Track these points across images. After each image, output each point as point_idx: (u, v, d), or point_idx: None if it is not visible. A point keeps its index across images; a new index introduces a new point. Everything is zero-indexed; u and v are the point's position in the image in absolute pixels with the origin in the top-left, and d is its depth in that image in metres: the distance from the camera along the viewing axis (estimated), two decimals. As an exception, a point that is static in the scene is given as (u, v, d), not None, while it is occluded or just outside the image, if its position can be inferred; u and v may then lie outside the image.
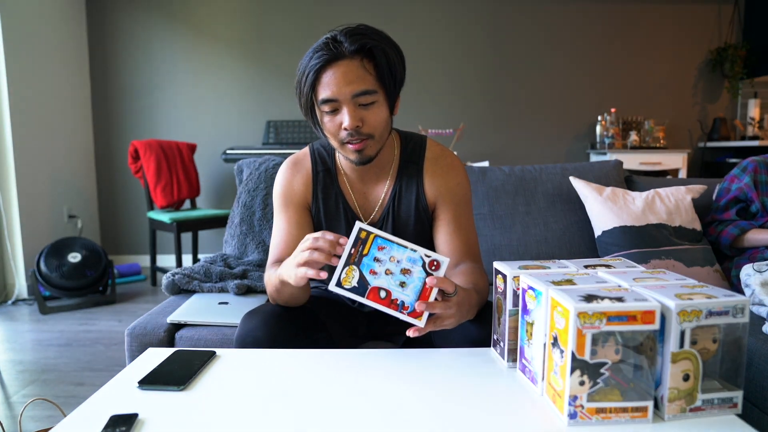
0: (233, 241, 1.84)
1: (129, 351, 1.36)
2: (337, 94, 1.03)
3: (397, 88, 1.09)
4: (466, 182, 1.23)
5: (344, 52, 1.02)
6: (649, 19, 4.26)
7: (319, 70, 1.03)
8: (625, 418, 0.71)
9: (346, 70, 1.02)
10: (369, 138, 1.07)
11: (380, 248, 0.90)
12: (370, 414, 0.75)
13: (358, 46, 1.02)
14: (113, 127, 4.22)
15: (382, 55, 1.04)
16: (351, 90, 1.02)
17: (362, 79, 1.03)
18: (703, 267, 1.64)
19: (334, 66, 1.02)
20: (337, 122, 1.06)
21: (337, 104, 1.04)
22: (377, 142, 1.10)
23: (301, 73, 1.06)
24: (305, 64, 1.05)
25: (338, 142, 1.09)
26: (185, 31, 4.15)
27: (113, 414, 0.74)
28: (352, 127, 1.04)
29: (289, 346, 1.02)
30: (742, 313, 0.72)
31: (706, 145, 4.32)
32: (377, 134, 1.08)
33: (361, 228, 0.90)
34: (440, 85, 4.23)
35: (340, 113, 1.05)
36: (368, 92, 1.04)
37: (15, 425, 1.79)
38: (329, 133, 1.09)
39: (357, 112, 1.04)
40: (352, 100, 1.03)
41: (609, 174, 1.93)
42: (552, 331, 0.74)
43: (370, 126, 1.06)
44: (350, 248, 0.89)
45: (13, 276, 3.36)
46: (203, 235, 4.27)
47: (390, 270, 0.89)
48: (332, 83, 1.02)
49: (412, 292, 0.88)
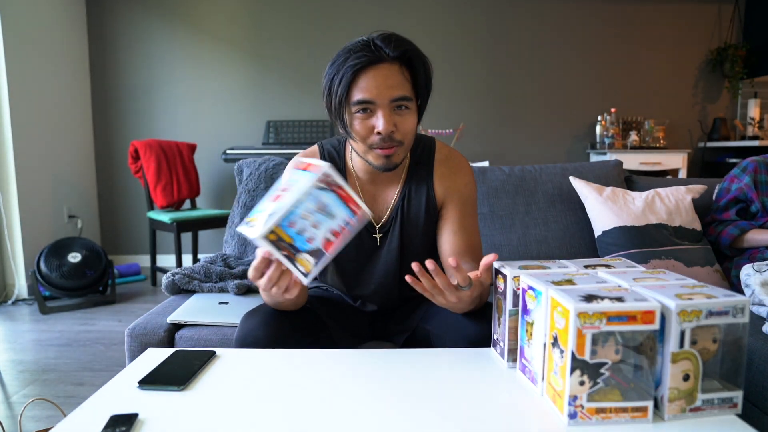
0: (233, 241, 1.84)
1: (129, 351, 1.36)
2: (375, 97, 1.02)
3: (428, 99, 1.10)
4: (473, 183, 1.24)
5: (385, 56, 1.02)
6: (649, 19, 4.26)
7: (359, 70, 1.01)
8: (625, 418, 0.71)
9: (387, 74, 1.02)
10: (399, 145, 1.07)
11: (290, 224, 0.83)
12: (370, 414, 0.75)
13: (401, 53, 1.02)
14: (113, 127, 4.22)
15: (422, 65, 1.05)
16: (390, 94, 1.02)
17: (401, 85, 1.03)
18: (703, 267, 1.64)
19: (374, 68, 1.02)
20: (369, 125, 1.05)
21: (373, 107, 1.03)
22: (405, 150, 1.10)
23: (333, 71, 1.04)
24: (340, 63, 1.03)
25: (366, 146, 1.07)
26: (185, 31, 4.15)
27: (113, 414, 0.74)
28: (387, 131, 1.03)
29: (289, 346, 1.02)
30: (742, 313, 0.72)
31: (706, 145, 4.32)
32: (407, 141, 1.08)
33: (264, 234, 0.81)
34: (440, 85, 4.22)
35: (373, 117, 1.04)
36: (406, 98, 1.04)
37: (15, 425, 1.79)
38: (359, 137, 1.06)
39: (392, 117, 1.04)
40: (390, 104, 1.03)
41: (609, 174, 1.93)
42: (552, 331, 0.74)
43: (402, 132, 1.06)
44: (279, 252, 0.83)
45: (13, 276, 3.36)
46: (203, 235, 4.28)
47: (310, 218, 0.84)
48: (372, 86, 1.01)
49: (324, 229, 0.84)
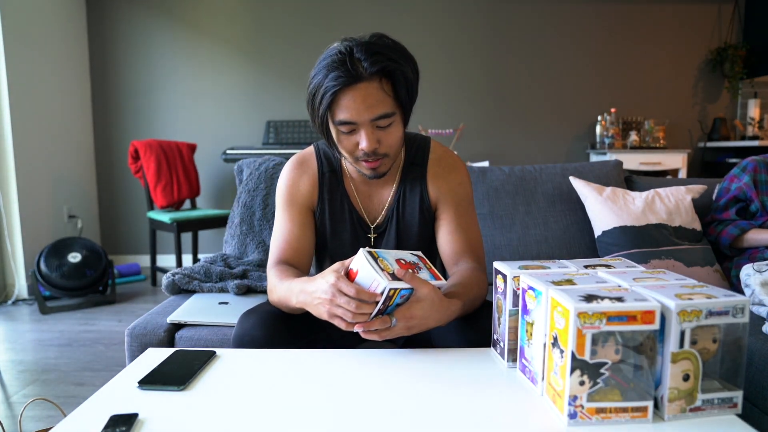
0: (233, 241, 1.84)
1: (129, 351, 1.36)
2: (356, 118, 1.01)
3: (412, 104, 1.08)
4: (468, 182, 1.23)
5: (363, 74, 0.98)
6: (649, 19, 4.26)
7: (337, 92, 1.00)
8: (625, 418, 0.71)
9: (365, 94, 0.99)
10: (384, 157, 1.07)
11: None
12: (370, 414, 0.75)
13: (379, 68, 0.99)
14: (113, 127, 4.22)
15: (402, 76, 1.01)
16: (370, 114, 1.01)
17: (381, 102, 1.01)
18: (703, 267, 1.64)
19: (353, 89, 0.99)
20: (354, 141, 1.05)
21: (355, 126, 1.03)
22: (392, 159, 1.11)
23: (314, 89, 1.02)
24: (319, 82, 1.01)
25: (353, 158, 1.08)
26: (185, 31, 4.15)
27: (113, 414, 0.74)
28: (370, 149, 1.04)
29: (286, 345, 1.02)
30: (742, 313, 0.72)
31: (706, 145, 4.32)
32: (392, 153, 1.09)
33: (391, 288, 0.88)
34: (440, 85, 4.23)
35: (357, 134, 1.04)
36: (387, 115, 1.02)
37: (15, 425, 1.79)
38: (345, 151, 1.08)
39: (374, 134, 1.04)
40: (371, 123, 1.02)
41: (609, 174, 1.93)
42: (552, 331, 0.74)
43: (386, 146, 1.06)
44: (380, 305, 0.89)
45: (13, 276, 3.36)
46: (203, 235, 4.28)
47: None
48: (351, 107, 1.00)
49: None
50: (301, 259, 1.17)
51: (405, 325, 0.92)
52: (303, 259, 1.18)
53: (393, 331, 0.92)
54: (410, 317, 0.91)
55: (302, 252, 1.18)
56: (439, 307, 0.93)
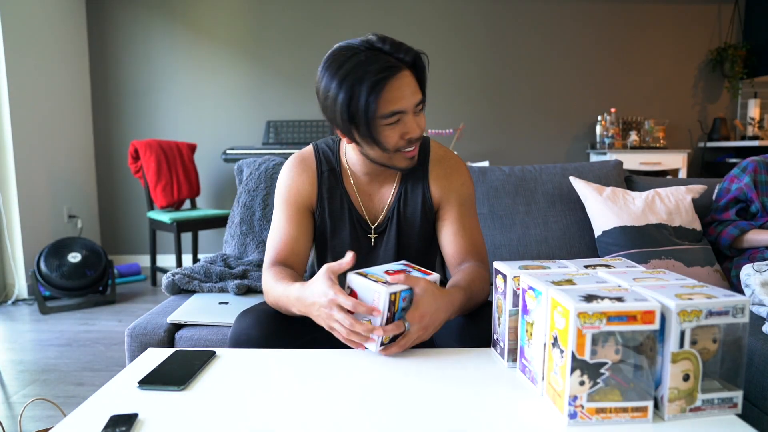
0: (233, 241, 1.84)
1: (129, 351, 1.36)
2: (405, 106, 1.04)
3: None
4: (470, 182, 1.24)
5: (402, 63, 1.03)
6: (649, 19, 4.26)
7: (385, 84, 1.01)
8: (625, 418, 0.71)
9: (409, 81, 1.04)
10: (419, 142, 1.11)
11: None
12: (370, 414, 0.75)
13: (412, 57, 1.04)
14: (113, 127, 4.22)
15: (423, 66, 1.07)
16: (415, 100, 1.05)
17: (418, 89, 1.06)
18: (703, 267, 1.64)
19: (398, 78, 1.02)
20: (399, 132, 1.07)
21: (402, 115, 1.05)
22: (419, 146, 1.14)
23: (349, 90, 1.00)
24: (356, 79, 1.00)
25: (395, 151, 1.09)
26: (185, 31, 4.15)
27: (113, 414, 0.74)
28: (420, 134, 1.08)
29: (283, 345, 1.02)
30: (742, 313, 0.72)
31: (706, 145, 4.32)
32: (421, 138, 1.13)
33: (391, 293, 0.90)
34: (440, 85, 4.23)
35: (401, 123, 1.06)
36: (422, 101, 1.07)
37: (15, 425, 1.79)
38: (391, 144, 1.08)
39: (416, 120, 1.08)
40: (414, 109, 1.06)
41: (609, 174, 1.93)
42: (552, 331, 0.74)
43: (422, 131, 1.10)
44: (386, 313, 0.91)
45: (13, 276, 3.36)
46: (203, 235, 4.28)
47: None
48: (399, 96, 1.03)
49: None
50: (297, 260, 1.17)
51: (419, 326, 0.93)
52: (299, 259, 1.18)
53: (410, 336, 0.93)
54: (421, 315, 0.93)
55: (298, 253, 1.18)
56: (441, 296, 0.96)
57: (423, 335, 0.94)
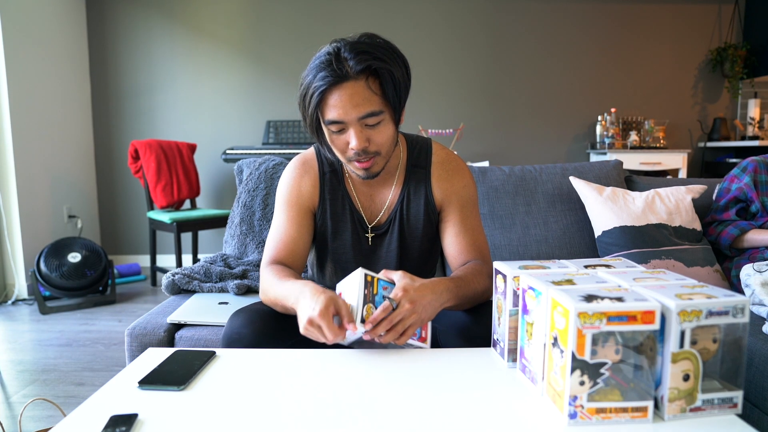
0: (233, 241, 1.84)
1: (129, 351, 1.36)
2: (343, 117, 1.02)
3: (403, 103, 1.08)
4: (472, 184, 1.24)
5: (349, 73, 0.99)
6: (649, 19, 4.26)
7: (324, 91, 1.01)
8: (625, 418, 0.71)
9: (352, 93, 1.00)
10: (376, 155, 1.08)
11: (384, 288, 0.97)
12: (370, 414, 0.75)
13: (364, 67, 0.99)
14: (113, 127, 4.22)
15: (388, 75, 1.02)
16: (357, 113, 1.02)
17: (368, 100, 1.01)
18: (703, 267, 1.64)
19: (339, 88, 1.00)
20: (344, 141, 1.06)
21: (344, 125, 1.04)
22: (384, 158, 1.11)
23: (304, 90, 1.04)
24: (309, 83, 1.03)
25: (345, 158, 1.09)
26: (185, 31, 4.15)
27: (113, 414, 0.74)
28: (359, 148, 1.04)
29: (274, 344, 1.02)
30: (742, 313, 0.72)
31: (706, 145, 4.32)
32: (384, 151, 1.09)
33: (366, 273, 0.95)
34: (440, 85, 4.23)
35: (346, 133, 1.05)
36: (374, 114, 1.03)
37: (15, 425, 1.79)
38: (337, 150, 1.09)
39: (363, 133, 1.04)
40: (359, 122, 1.03)
41: (609, 174, 1.93)
42: (552, 331, 0.74)
43: (377, 144, 1.07)
44: (363, 291, 0.93)
45: (13, 276, 3.36)
46: (203, 235, 4.27)
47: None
48: (338, 106, 1.01)
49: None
50: (296, 261, 1.18)
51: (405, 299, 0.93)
52: (297, 260, 1.18)
53: (400, 311, 0.92)
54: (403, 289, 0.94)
55: (297, 254, 1.18)
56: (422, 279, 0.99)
57: (414, 309, 0.93)
